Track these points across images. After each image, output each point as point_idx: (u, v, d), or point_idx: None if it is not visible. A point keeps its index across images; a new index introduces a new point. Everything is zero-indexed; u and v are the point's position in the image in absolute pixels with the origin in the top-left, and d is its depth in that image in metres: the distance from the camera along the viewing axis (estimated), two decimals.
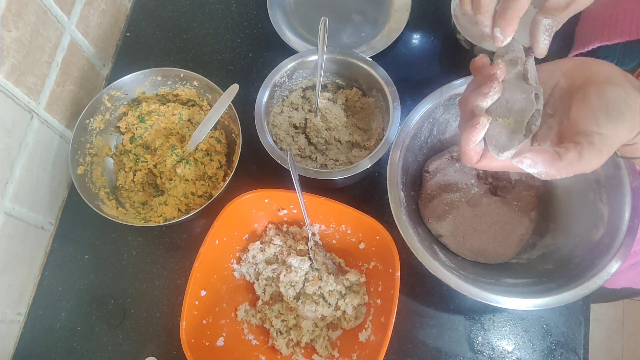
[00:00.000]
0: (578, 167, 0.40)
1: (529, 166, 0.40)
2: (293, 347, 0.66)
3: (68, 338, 0.71)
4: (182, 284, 0.65)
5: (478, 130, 0.42)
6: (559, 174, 0.40)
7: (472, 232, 0.68)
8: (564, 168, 0.39)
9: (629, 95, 0.40)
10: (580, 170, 0.40)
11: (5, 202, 0.64)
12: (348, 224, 0.67)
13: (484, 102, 0.43)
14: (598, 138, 0.39)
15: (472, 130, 0.42)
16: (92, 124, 0.73)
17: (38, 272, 0.73)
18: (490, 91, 0.43)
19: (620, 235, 0.57)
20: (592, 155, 0.39)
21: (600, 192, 0.62)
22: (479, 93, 0.43)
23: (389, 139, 0.66)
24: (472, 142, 0.43)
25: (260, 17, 0.88)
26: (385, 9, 0.87)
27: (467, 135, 0.43)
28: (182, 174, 0.72)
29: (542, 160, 0.39)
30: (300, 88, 0.77)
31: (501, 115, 0.44)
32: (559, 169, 0.40)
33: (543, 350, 0.69)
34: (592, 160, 0.39)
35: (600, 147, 0.39)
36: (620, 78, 0.42)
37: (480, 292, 0.56)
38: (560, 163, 0.39)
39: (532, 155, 0.40)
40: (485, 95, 0.43)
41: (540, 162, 0.40)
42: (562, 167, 0.39)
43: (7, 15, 0.60)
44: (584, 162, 0.39)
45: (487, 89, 0.43)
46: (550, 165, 0.39)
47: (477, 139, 0.43)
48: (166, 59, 0.86)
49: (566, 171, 0.40)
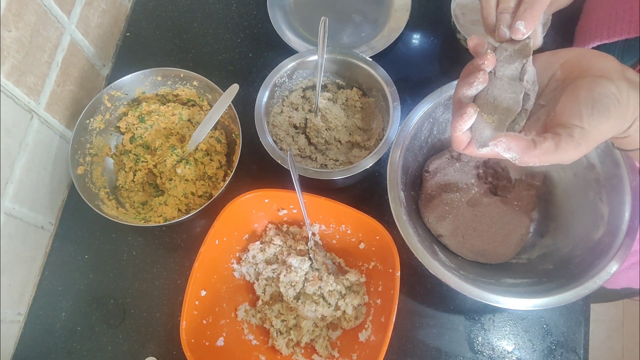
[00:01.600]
0: (553, 158, 0.40)
1: (503, 150, 0.41)
2: (293, 347, 0.66)
3: (68, 338, 0.71)
4: (182, 284, 0.65)
5: (465, 119, 0.44)
6: (532, 161, 0.41)
7: (472, 232, 0.68)
8: (537, 156, 0.40)
9: (621, 91, 0.40)
10: (555, 161, 0.41)
11: (5, 202, 0.64)
12: (348, 224, 0.67)
13: (469, 91, 0.45)
14: (578, 132, 0.40)
15: (459, 119, 0.44)
16: (92, 124, 0.73)
17: (38, 272, 0.73)
18: (474, 81, 0.45)
19: (620, 235, 0.57)
20: (569, 148, 0.40)
21: (600, 192, 0.62)
22: (466, 82, 0.45)
23: (389, 139, 0.66)
24: (459, 130, 0.45)
25: (260, 17, 0.88)
26: (385, 9, 0.87)
27: (454, 123, 0.45)
28: (182, 174, 0.72)
29: (516, 146, 0.40)
30: (300, 88, 0.77)
31: (487, 111, 0.45)
32: (532, 156, 0.40)
33: (543, 350, 0.68)
34: (568, 153, 0.40)
35: (579, 140, 0.40)
36: (616, 73, 0.42)
37: (480, 292, 0.56)
38: (534, 151, 0.40)
39: (506, 140, 0.40)
40: (470, 84, 0.45)
41: (514, 147, 0.40)
42: (535, 156, 0.40)
43: (7, 15, 0.60)
44: (560, 153, 0.40)
45: (472, 79, 0.45)
46: (524, 152, 0.40)
47: (464, 127, 0.44)
48: (166, 59, 0.86)
49: (539, 160, 0.41)
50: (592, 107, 0.40)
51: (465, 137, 0.46)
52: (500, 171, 0.72)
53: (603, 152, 0.61)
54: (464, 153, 0.48)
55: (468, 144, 0.47)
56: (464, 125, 0.44)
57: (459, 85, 0.46)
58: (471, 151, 0.47)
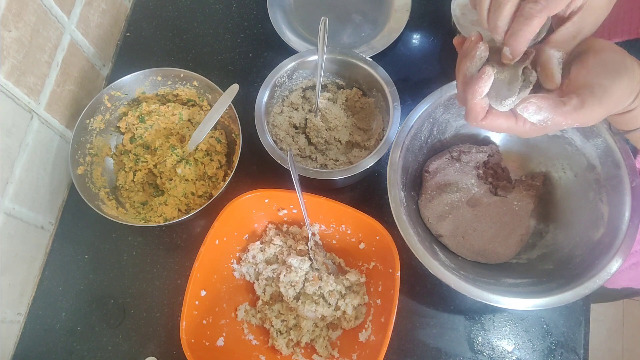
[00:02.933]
0: (581, 116, 0.41)
1: (534, 112, 0.41)
2: (293, 347, 0.66)
3: (68, 338, 0.71)
4: (182, 284, 0.65)
5: (484, 80, 0.43)
6: (564, 120, 0.41)
7: (472, 232, 0.68)
8: (568, 114, 0.41)
9: (625, 59, 0.43)
10: (583, 120, 0.41)
11: (5, 202, 0.64)
12: (348, 224, 0.67)
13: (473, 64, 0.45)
14: (598, 88, 0.41)
15: (478, 81, 0.43)
16: (92, 124, 0.73)
17: (38, 272, 0.73)
18: (476, 52, 0.44)
19: (620, 235, 0.58)
20: (594, 104, 0.41)
21: (600, 192, 0.62)
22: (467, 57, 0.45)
23: (389, 139, 0.66)
24: (478, 93, 0.43)
25: (260, 17, 0.88)
26: (385, 9, 0.87)
27: (472, 88, 0.43)
28: (182, 174, 0.72)
29: (547, 106, 0.41)
30: (300, 88, 0.77)
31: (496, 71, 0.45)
32: (564, 114, 0.41)
33: (543, 350, 0.68)
34: (594, 109, 0.41)
35: (601, 96, 0.41)
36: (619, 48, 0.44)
37: (480, 292, 0.56)
38: (565, 108, 0.41)
39: (537, 100, 0.41)
40: (473, 57, 0.45)
41: (545, 107, 0.41)
42: (566, 113, 0.41)
43: (7, 15, 0.60)
44: (587, 110, 0.41)
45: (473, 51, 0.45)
46: (555, 110, 0.41)
47: (484, 89, 0.43)
48: (166, 59, 0.86)
49: (571, 118, 0.41)
50: (604, 67, 0.42)
51: (483, 103, 0.45)
52: (500, 171, 0.72)
53: (603, 153, 0.61)
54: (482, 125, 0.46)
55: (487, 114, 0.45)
56: (484, 86, 0.43)
57: (461, 65, 0.46)
58: (489, 121, 0.46)
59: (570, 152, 0.66)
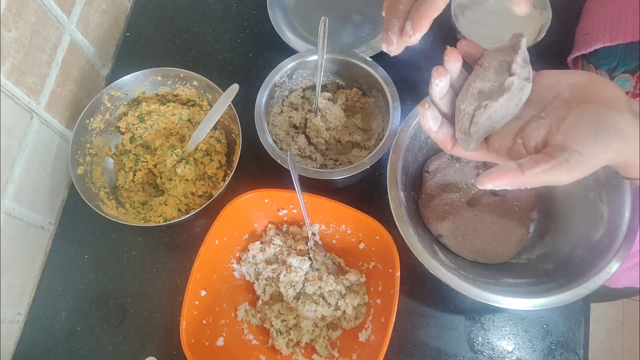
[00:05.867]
0: (546, 179, 0.41)
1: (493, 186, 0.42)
2: (293, 347, 0.66)
3: (68, 338, 0.71)
4: (182, 284, 0.65)
5: (424, 120, 0.46)
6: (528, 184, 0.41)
7: (472, 232, 0.68)
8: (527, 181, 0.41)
9: (625, 122, 0.40)
10: (546, 183, 0.41)
11: (5, 202, 0.64)
12: (348, 224, 0.67)
13: (432, 91, 0.46)
14: (576, 157, 0.40)
15: (421, 119, 0.46)
16: (92, 124, 0.73)
17: (38, 272, 0.73)
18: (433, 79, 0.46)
19: (620, 235, 0.58)
20: (562, 172, 0.40)
21: (600, 192, 0.62)
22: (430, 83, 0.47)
23: (389, 139, 0.66)
24: (428, 131, 0.47)
25: (260, 17, 0.88)
26: None
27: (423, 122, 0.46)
28: (182, 174, 0.72)
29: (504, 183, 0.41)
30: (300, 88, 0.77)
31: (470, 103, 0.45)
32: (524, 182, 0.41)
33: (543, 350, 0.69)
34: (560, 176, 0.40)
35: (575, 166, 0.40)
36: (623, 103, 0.42)
37: (480, 292, 0.56)
38: (522, 178, 0.41)
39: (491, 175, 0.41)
40: (431, 84, 0.46)
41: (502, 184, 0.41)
42: (527, 180, 0.41)
43: (7, 15, 0.60)
44: (553, 175, 0.40)
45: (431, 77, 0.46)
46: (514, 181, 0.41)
47: (429, 126, 0.46)
48: (166, 59, 0.86)
49: (532, 183, 0.41)
50: (595, 135, 0.40)
51: (442, 135, 0.47)
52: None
53: None
54: (452, 154, 0.48)
55: (454, 144, 0.47)
56: (427, 124, 0.46)
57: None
58: (459, 152, 0.47)
59: None
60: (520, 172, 0.41)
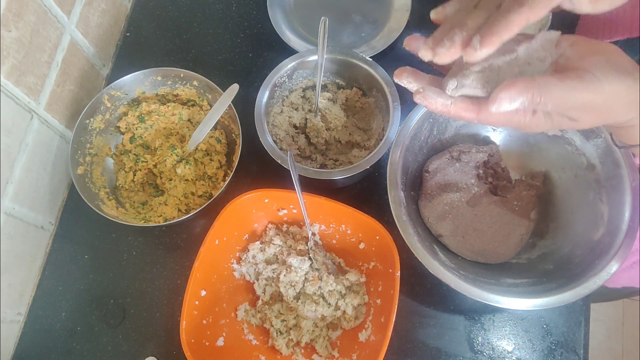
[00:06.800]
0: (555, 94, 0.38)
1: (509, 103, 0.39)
2: (293, 347, 0.66)
3: (68, 338, 0.71)
4: (182, 284, 0.65)
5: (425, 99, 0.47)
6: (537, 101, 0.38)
7: (472, 232, 0.68)
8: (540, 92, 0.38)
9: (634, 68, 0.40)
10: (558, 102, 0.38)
11: (5, 202, 0.64)
12: (348, 224, 0.67)
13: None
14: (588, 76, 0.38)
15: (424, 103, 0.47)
16: (92, 124, 0.73)
17: (38, 272, 0.73)
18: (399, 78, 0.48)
19: (620, 235, 0.57)
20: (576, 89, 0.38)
21: (600, 192, 0.62)
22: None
23: (389, 139, 0.66)
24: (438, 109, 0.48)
25: (260, 17, 0.88)
26: (385, 9, 0.87)
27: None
28: (182, 174, 0.72)
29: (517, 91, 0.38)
30: (300, 88, 0.77)
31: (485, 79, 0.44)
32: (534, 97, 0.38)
33: (543, 350, 0.69)
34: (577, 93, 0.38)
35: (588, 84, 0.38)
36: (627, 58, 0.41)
37: (480, 292, 0.56)
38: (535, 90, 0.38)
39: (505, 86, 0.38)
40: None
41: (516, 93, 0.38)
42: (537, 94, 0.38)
43: (7, 15, 0.60)
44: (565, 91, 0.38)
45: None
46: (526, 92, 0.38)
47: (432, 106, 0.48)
48: (166, 59, 0.86)
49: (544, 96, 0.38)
50: (607, 61, 0.39)
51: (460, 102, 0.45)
52: (500, 171, 0.72)
53: (603, 153, 0.61)
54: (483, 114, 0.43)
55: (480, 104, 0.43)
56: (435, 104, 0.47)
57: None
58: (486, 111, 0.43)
59: (570, 152, 0.66)
60: (533, 82, 0.38)
